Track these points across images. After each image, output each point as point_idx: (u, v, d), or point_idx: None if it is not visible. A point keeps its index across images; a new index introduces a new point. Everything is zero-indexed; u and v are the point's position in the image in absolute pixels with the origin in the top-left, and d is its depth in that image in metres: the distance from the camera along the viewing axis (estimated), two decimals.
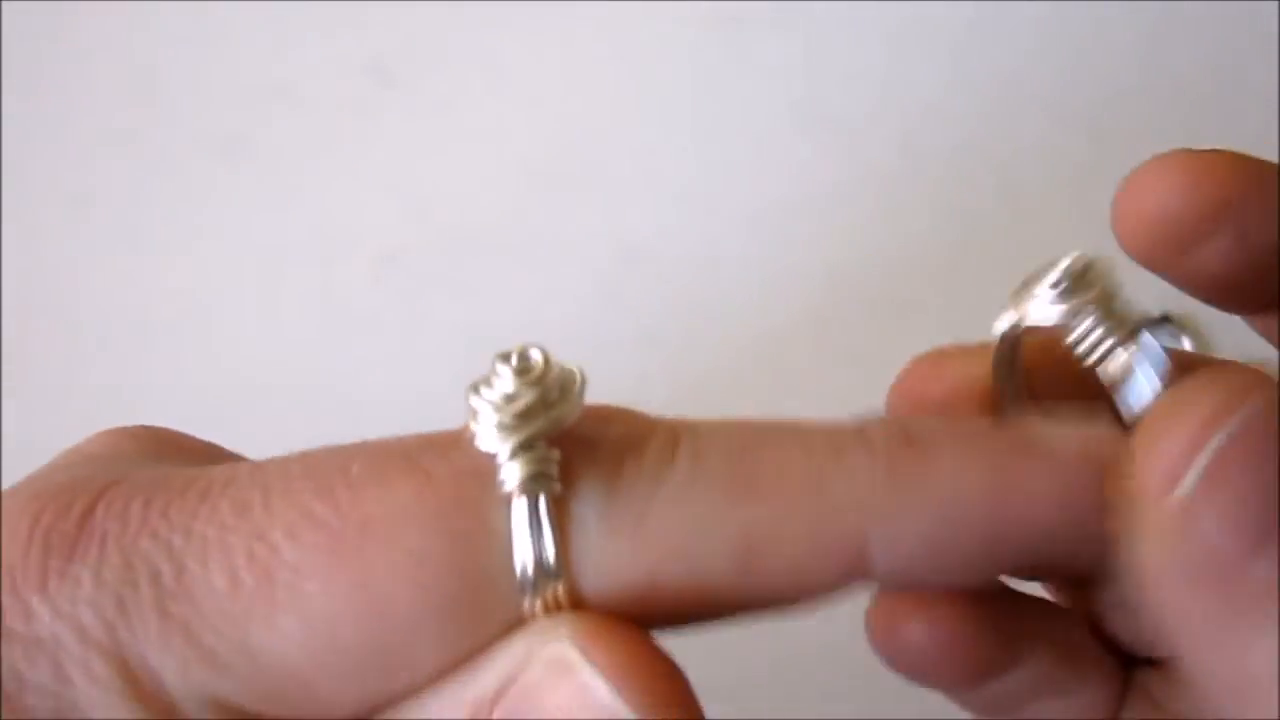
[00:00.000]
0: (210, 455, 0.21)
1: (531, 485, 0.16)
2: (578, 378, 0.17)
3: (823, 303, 0.40)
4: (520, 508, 0.16)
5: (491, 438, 0.16)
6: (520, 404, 0.16)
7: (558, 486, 0.16)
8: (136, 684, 0.16)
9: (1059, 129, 0.43)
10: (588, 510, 0.16)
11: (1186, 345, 0.40)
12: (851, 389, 0.39)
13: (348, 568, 0.16)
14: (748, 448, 0.17)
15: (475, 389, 0.17)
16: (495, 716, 0.16)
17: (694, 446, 0.17)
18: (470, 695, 0.16)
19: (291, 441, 0.40)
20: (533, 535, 0.16)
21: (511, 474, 0.16)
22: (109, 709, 0.15)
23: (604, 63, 0.44)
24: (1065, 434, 0.17)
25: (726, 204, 0.42)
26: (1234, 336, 0.39)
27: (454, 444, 0.17)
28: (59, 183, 0.42)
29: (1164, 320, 0.39)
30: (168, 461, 0.19)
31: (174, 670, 0.15)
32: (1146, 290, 0.41)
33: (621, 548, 0.16)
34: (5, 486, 0.40)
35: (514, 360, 0.17)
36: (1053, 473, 0.16)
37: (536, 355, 0.17)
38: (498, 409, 0.16)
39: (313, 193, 0.42)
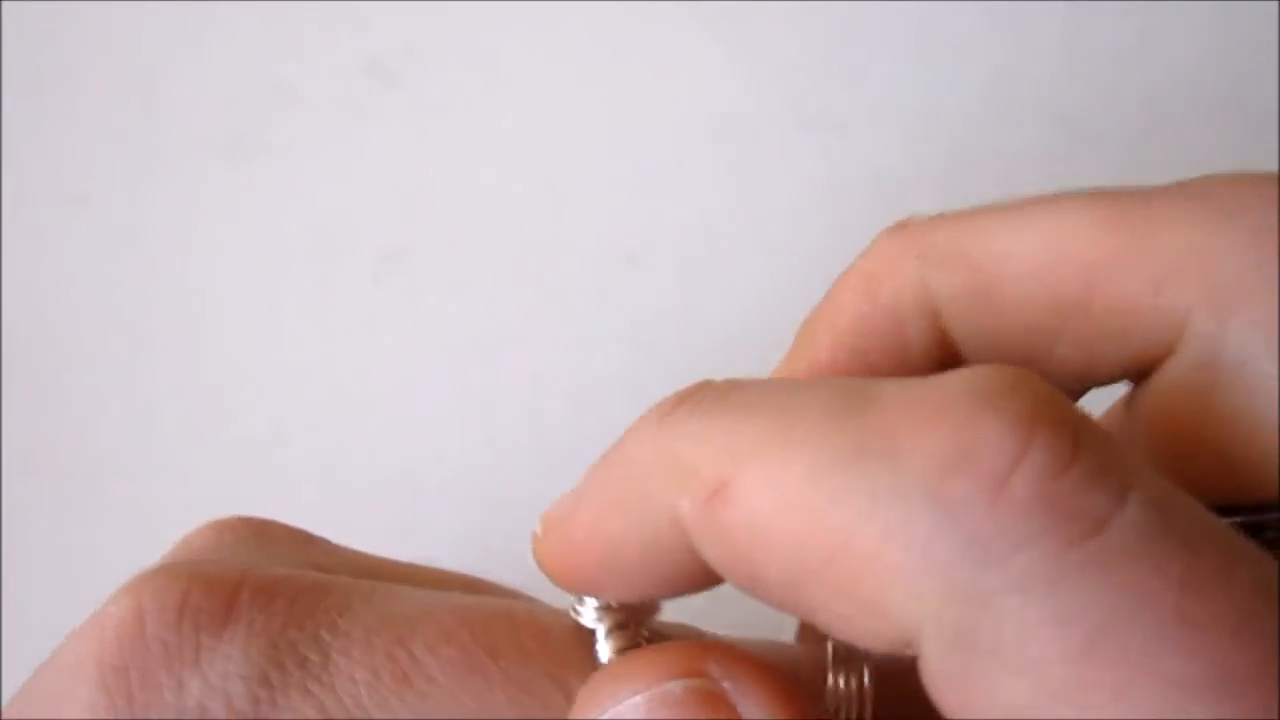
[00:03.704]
0: (303, 540, 0.23)
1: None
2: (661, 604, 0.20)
3: None
4: None
5: (592, 617, 0.19)
6: (626, 609, 0.19)
7: None
8: None
9: (1061, 130, 0.43)
10: None
11: None
12: None
13: (473, 685, 0.18)
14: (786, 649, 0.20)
15: None
16: None
17: (750, 639, 0.20)
18: None
19: (291, 441, 0.40)
20: None
21: (606, 647, 0.19)
22: None
23: (605, 62, 0.44)
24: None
25: (727, 204, 0.42)
26: None
27: (567, 612, 0.20)
28: (59, 183, 0.42)
29: None
30: (267, 551, 0.22)
31: None
32: None
33: None
34: (5, 490, 0.40)
35: None
36: None
37: None
38: (606, 613, 0.19)
39: (313, 193, 0.42)
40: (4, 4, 0.45)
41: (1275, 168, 0.43)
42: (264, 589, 0.19)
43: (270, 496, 0.26)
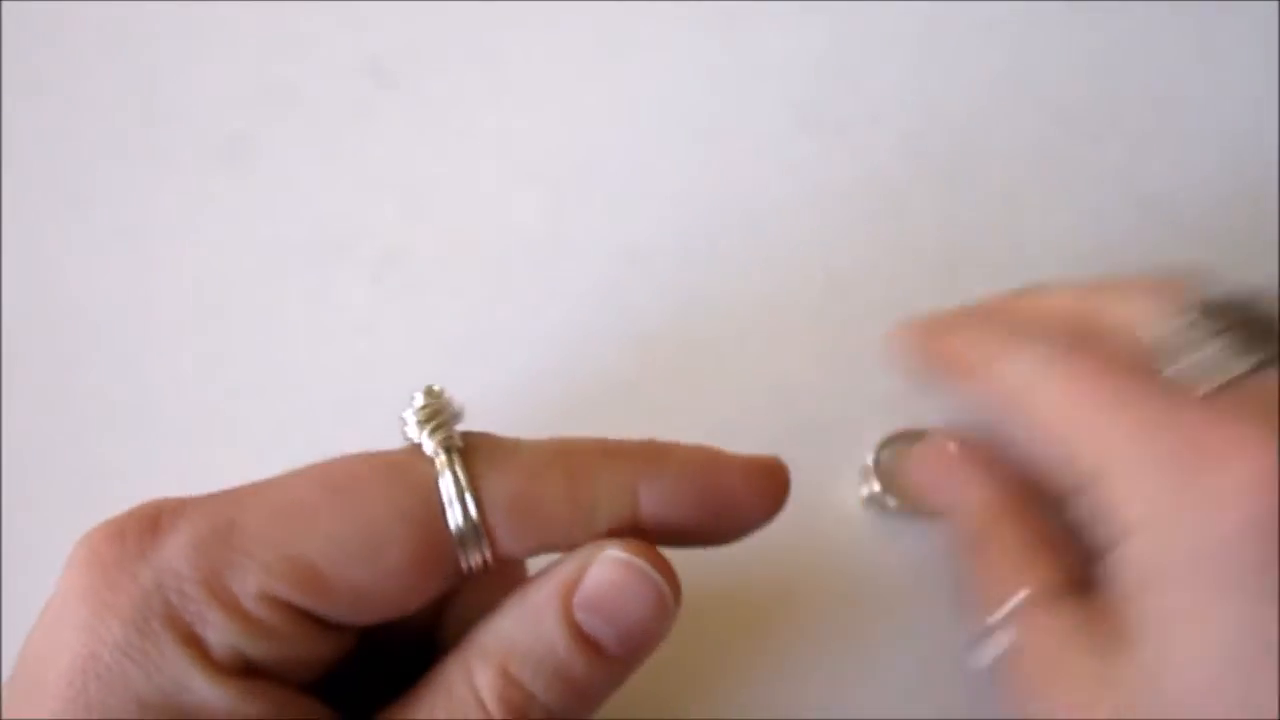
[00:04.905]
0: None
1: (446, 445, 0.27)
2: (463, 405, 0.28)
3: (823, 304, 0.40)
4: (441, 460, 0.26)
5: (415, 430, 0.27)
6: (430, 408, 0.27)
7: (460, 442, 0.27)
8: (216, 593, 0.25)
9: (1059, 130, 0.43)
10: (481, 459, 0.27)
11: None
12: (852, 389, 0.39)
13: (346, 499, 0.26)
14: (565, 438, 0.28)
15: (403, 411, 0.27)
16: (576, 600, 0.26)
17: (534, 438, 0.28)
18: (555, 583, 0.26)
19: (291, 441, 0.40)
20: (453, 474, 0.26)
21: (429, 444, 0.27)
22: (203, 611, 0.25)
23: (604, 62, 0.44)
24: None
25: (727, 204, 0.42)
26: None
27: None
28: (59, 183, 0.42)
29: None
30: None
31: (239, 579, 0.25)
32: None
33: (506, 477, 0.26)
34: (6, 488, 0.40)
35: (424, 389, 0.28)
36: (739, 467, 0.29)
37: (437, 387, 0.28)
38: (416, 413, 0.27)
39: (313, 193, 0.42)
40: (4, 4, 0.45)
41: (1275, 168, 0.43)
42: (176, 509, 0.26)
43: None
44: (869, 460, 0.37)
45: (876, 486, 0.37)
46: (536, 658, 0.26)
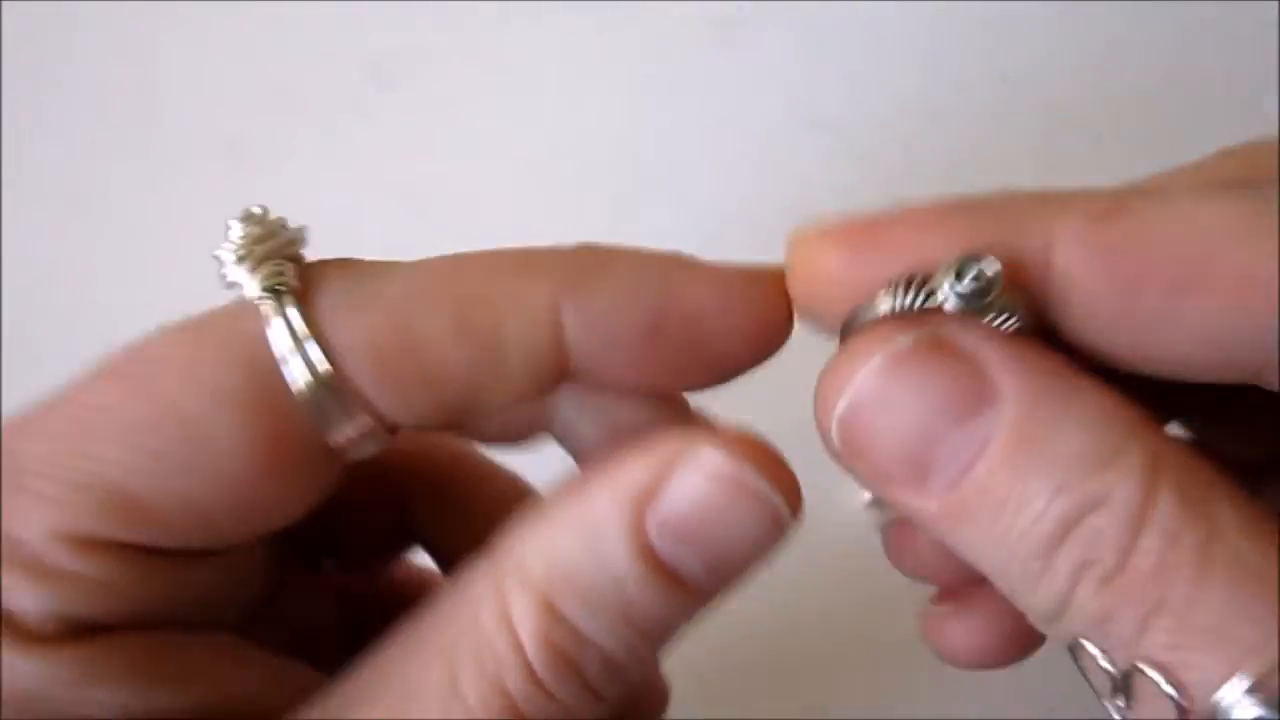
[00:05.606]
0: None
1: (273, 282, 0.19)
2: (304, 228, 0.20)
3: None
4: (267, 308, 0.19)
5: (235, 270, 0.20)
6: (251, 236, 0.20)
7: (294, 282, 0.19)
8: (10, 553, 0.19)
9: (1059, 130, 0.43)
10: (328, 295, 0.19)
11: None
12: None
13: (147, 391, 0.19)
14: (459, 254, 0.20)
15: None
16: (657, 520, 0.18)
17: (416, 260, 0.20)
18: (621, 491, 0.18)
19: None
20: (285, 319, 0.18)
21: (252, 286, 0.19)
22: (7, 580, 0.19)
23: (604, 63, 0.44)
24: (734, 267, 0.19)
25: (726, 205, 0.42)
26: None
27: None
28: (59, 183, 0.42)
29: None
30: None
31: (30, 527, 0.19)
32: None
33: (364, 314, 0.19)
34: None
35: (242, 212, 0.20)
36: (711, 277, 0.19)
37: (258, 209, 0.20)
38: (233, 248, 0.20)
39: (312, 194, 0.42)
40: (4, 4, 0.45)
41: (1275, 168, 0.43)
42: None
43: None
44: None
45: None
46: (598, 593, 0.18)
